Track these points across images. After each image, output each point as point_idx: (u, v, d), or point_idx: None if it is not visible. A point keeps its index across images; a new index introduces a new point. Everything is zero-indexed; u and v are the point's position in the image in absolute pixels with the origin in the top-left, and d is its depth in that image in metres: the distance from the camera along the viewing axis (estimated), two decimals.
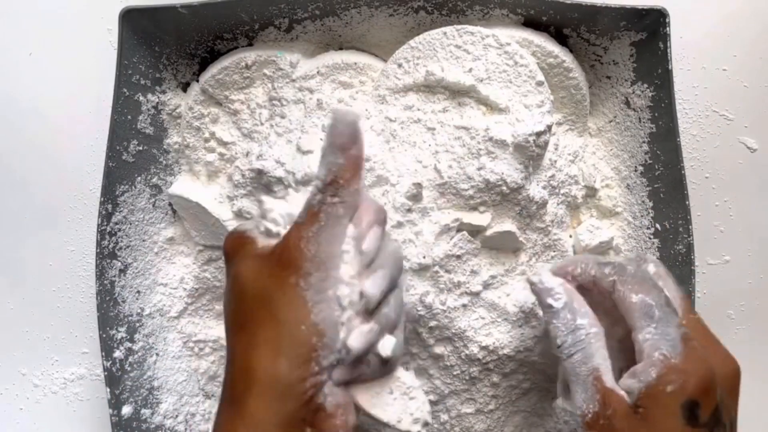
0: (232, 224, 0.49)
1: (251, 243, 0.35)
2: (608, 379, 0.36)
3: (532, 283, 0.40)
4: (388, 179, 0.44)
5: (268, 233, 0.35)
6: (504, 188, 0.43)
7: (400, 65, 0.47)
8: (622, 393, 0.36)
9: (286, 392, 0.31)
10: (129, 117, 0.48)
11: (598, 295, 0.39)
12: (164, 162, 0.52)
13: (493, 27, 0.47)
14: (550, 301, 0.39)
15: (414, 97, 0.46)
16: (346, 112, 0.33)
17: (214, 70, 0.49)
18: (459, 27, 0.46)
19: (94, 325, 0.48)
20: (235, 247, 0.35)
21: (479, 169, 0.43)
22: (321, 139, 0.45)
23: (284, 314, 0.31)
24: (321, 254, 0.32)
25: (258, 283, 0.33)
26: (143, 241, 0.51)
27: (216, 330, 0.54)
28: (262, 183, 0.47)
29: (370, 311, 0.33)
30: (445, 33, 0.46)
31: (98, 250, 0.48)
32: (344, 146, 0.33)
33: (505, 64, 0.45)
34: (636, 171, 0.51)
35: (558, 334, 0.38)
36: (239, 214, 0.49)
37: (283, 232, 0.34)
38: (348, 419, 0.33)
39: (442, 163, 0.44)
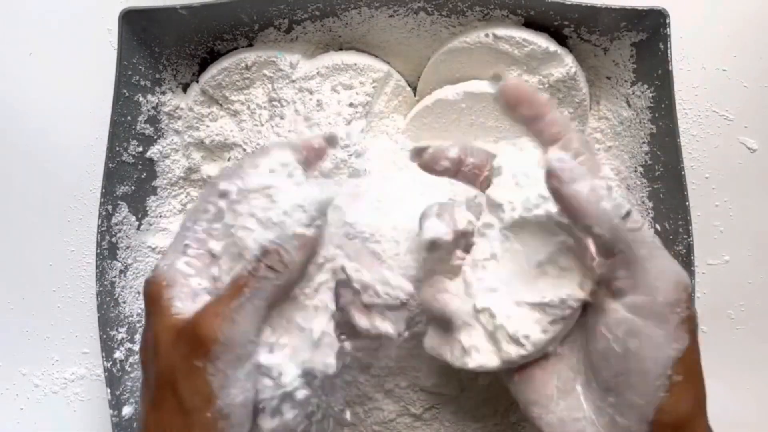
0: None
1: (167, 304, 0.33)
2: None
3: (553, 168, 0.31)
4: None
5: (194, 291, 0.33)
6: None
7: None
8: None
9: None
10: (129, 118, 0.48)
11: None
12: (164, 162, 0.52)
13: (493, 27, 0.47)
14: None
15: None
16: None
17: (213, 70, 0.49)
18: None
19: (95, 325, 0.48)
20: (152, 300, 0.33)
21: None
22: None
23: (190, 402, 0.30)
24: (234, 337, 0.30)
25: (167, 361, 0.31)
26: (143, 241, 0.51)
27: None
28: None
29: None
30: None
31: (98, 251, 0.48)
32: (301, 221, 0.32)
33: None
34: (636, 171, 0.51)
35: (622, 202, 0.31)
36: None
37: (223, 281, 0.33)
38: None
39: None
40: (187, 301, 0.33)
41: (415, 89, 0.52)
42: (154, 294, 0.33)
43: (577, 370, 0.35)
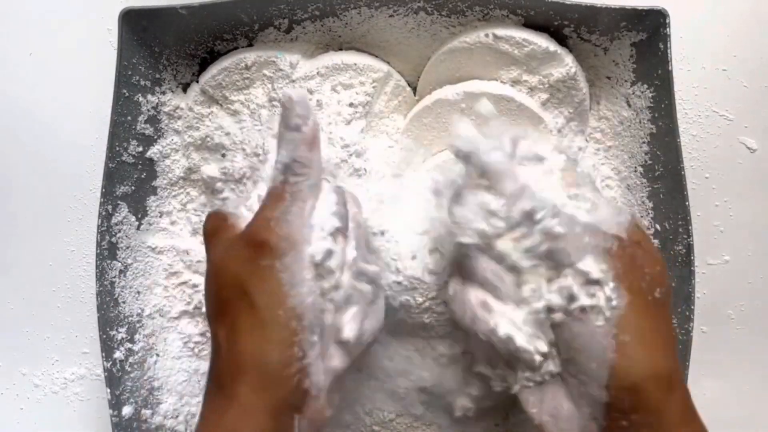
0: None
1: (228, 225, 0.35)
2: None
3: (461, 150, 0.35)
4: None
5: (247, 211, 0.36)
6: None
7: None
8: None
9: (273, 378, 0.31)
10: (129, 118, 0.48)
11: None
12: (164, 162, 0.52)
13: (493, 27, 0.47)
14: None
15: None
16: (296, 92, 0.33)
17: (213, 70, 0.49)
18: None
19: (95, 325, 0.48)
20: (212, 229, 0.36)
21: None
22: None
23: (261, 300, 0.31)
24: (292, 234, 0.32)
25: (233, 269, 0.33)
26: (143, 241, 0.51)
27: None
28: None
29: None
30: None
31: (98, 251, 0.48)
32: (297, 126, 0.33)
33: None
34: (636, 171, 0.50)
35: (539, 203, 0.33)
36: None
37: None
38: (333, 402, 0.33)
39: None
40: (242, 222, 0.35)
41: (415, 89, 0.52)
42: (213, 223, 0.36)
43: None
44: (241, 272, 0.32)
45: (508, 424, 0.50)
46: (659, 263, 0.35)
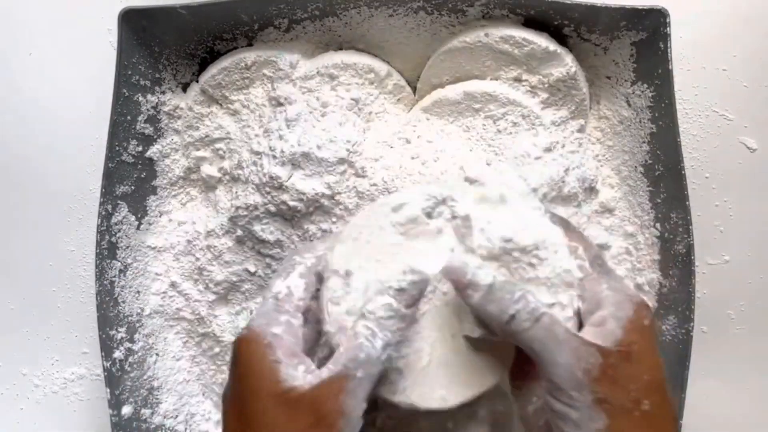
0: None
1: (273, 368, 0.32)
2: (574, 330, 0.33)
3: (452, 268, 0.34)
4: None
5: (303, 359, 0.33)
6: None
7: None
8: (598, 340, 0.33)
9: None
10: (128, 117, 0.48)
11: None
12: (164, 162, 0.52)
13: (493, 27, 0.47)
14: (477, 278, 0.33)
15: None
16: (457, 260, 0.33)
17: (213, 70, 0.49)
18: None
19: (94, 325, 0.48)
20: (253, 359, 0.33)
21: None
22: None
23: None
24: (354, 412, 0.31)
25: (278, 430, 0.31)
26: (143, 241, 0.51)
27: (215, 329, 0.54)
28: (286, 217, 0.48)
29: None
30: None
31: (98, 251, 0.48)
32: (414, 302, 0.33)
33: None
34: (636, 171, 0.50)
35: (505, 306, 0.32)
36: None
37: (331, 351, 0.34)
38: None
39: None
40: (291, 365, 0.32)
41: (415, 89, 0.52)
42: (254, 353, 0.32)
43: None
44: None
45: None
46: (650, 370, 0.33)
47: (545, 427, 0.36)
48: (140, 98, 0.49)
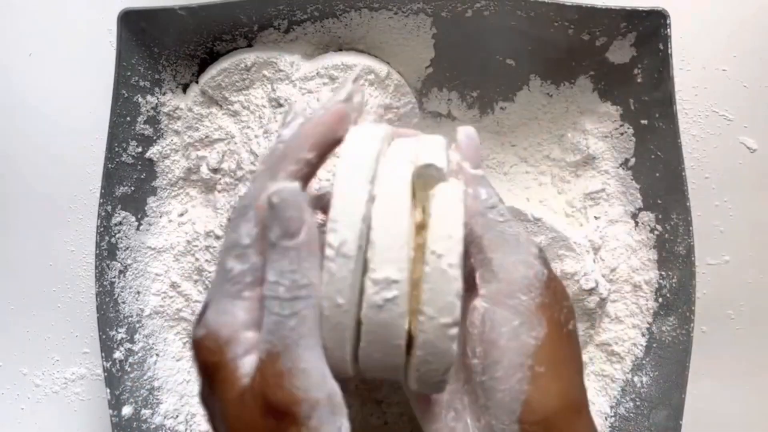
0: None
1: (229, 367, 0.28)
2: None
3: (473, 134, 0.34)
4: None
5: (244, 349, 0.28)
6: None
7: None
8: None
9: None
10: (128, 118, 0.48)
11: None
12: (163, 163, 0.52)
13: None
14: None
15: None
16: (286, 189, 0.27)
17: (213, 71, 0.49)
18: None
19: (95, 325, 0.48)
20: (213, 367, 0.29)
21: None
22: None
23: None
24: (311, 387, 0.27)
25: None
26: (143, 242, 0.51)
27: None
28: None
29: None
30: None
31: (98, 252, 0.48)
32: (294, 231, 0.27)
33: None
34: (636, 171, 0.50)
35: (490, 193, 0.33)
36: None
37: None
38: None
39: None
40: (246, 364, 0.28)
41: (415, 89, 0.52)
42: (212, 358, 0.29)
43: (461, 378, 0.34)
44: None
45: None
46: (569, 298, 0.34)
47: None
48: (140, 99, 0.49)
